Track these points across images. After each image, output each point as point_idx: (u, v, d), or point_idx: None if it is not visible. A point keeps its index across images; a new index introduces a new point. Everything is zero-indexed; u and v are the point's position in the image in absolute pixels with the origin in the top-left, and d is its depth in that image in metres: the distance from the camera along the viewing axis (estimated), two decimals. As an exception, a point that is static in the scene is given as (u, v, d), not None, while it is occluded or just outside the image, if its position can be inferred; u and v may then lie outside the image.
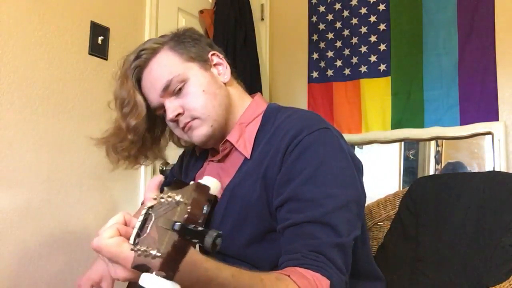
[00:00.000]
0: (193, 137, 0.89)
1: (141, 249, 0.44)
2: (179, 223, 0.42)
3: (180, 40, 0.90)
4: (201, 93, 0.87)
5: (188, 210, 0.43)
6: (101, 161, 1.52)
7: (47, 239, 1.32)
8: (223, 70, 0.93)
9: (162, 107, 0.89)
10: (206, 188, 0.46)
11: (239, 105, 0.93)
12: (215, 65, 0.92)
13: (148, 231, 0.51)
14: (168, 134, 1.03)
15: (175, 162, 1.80)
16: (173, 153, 1.81)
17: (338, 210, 0.75)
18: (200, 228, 0.43)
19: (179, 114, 0.87)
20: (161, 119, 0.95)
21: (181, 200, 0.44)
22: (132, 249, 0.47)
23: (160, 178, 0.81)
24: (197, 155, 1.04)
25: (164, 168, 1.79)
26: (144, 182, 1.69)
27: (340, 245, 0.73)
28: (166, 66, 0.87)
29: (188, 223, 0.42)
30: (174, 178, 1.02)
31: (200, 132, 0.88)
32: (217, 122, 0.88)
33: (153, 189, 0.74)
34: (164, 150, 1.03)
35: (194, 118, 0.87)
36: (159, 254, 0.42)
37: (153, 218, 0.51)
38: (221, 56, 0.94)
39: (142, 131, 0.92)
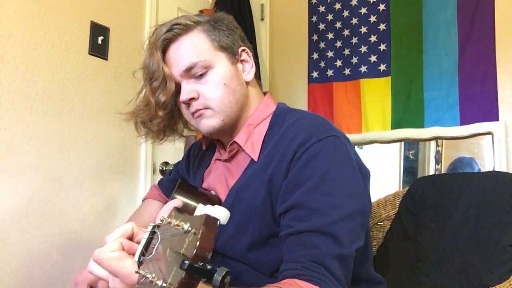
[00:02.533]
0: (201, 126, 0.89)
1: (147, 276, 0.44)
2: (188, 262, 0.41)
3: (216, 26, 0.89)
4: (221, 85, 0.86)
5: (197, 245, 0.42)
6: (101, 161, 1.53)
7: (47, 239, 1.32)
8: (248, 68, 0.92)
9: (178, 85, 0.88)
10: (215, 221, 0.46)
11: (253, 106, 0.92)
12: (242, 61, 0.92)
13: (153, 252, 0.51)
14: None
15: (175, 162, 1.81)
16: (173, 154, 1.81)
17: (342, 221, 0.74)
18: (208, 267, 0.42)
19: (192, 99, 0.86)
20: None
21: (190, 229, 0.44)
22: (136, 271, 0.47)
23: (177, 203, 0.81)
24: (204, 151, 1.03)
25: (164, 168, 1.79)
26: (144, 182, 1.69)
27: (341, 256, 0.72)
28: (195, 48, 0.86)
29: (197, 261, 0.42)
30: (179, 180, 1.01)
31: (209, 123, 0.87)
32: (229, 117, 0.87)
33: (166, 212, 0.73)
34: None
35: (207, 108, 0.86)
36: (165, 286, 0.42)
37: (159, 239, 0.51)
38: (250, 54, 0.93)
39: (171, 106, 0.91)
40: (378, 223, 1.45)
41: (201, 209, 0.51)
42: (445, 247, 1.23)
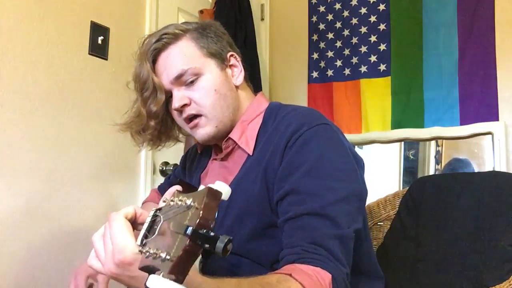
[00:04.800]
0: (197, 135, 0.90)
1: (150, 252, 0.44)
2: (191, 227, 0.42)
3: (204, 34, 0.90)
4: (212, 91, 0.87)
5: (200, 215, 0.43)
6: (101, 161, 1.53)
7: (47, 239, 1.32)
8: (237, 72, 0.94)
9: (169, 93, 0.89)
10: (218, 193, 0.46)
11: (245, 107, 0.93)
12: (231, 66, 0.93)
13: (156, 233, 0.51)
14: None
15: (175, 162, 1.81)
16: (173, 154, 1.81)
17: (337, 203, 0.75)
18: (212, 233, 0.43)
19: (185, 105, 0.87)
20: None
21: (192, 204, 0.44)
22: (140, 251, 0.47)
23: (178, 187, 0.82)
24: (200, 153, 1.04)
25: (164, 168, 1.79)
26: (144, 182, 1.69)
27: (339, 236, 0.73)
28: (184, 55, 0.87)
29: (200, 228, 0.42)
30: (179, 179, 1.02)
31: (204, 131, 0.89)
32: (222, 123, 0.89)
33: (169, 195, 0.74)
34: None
35: (200, 115, 0.88)
36: (169, 258, 0.42)
37: (161, 220, 0.51)
38: (238, 58, 0.95)
39: (163, 115, 0.92)
40: (378, 223, 1.45)
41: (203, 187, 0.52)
42: (445, 247, 1.23)
